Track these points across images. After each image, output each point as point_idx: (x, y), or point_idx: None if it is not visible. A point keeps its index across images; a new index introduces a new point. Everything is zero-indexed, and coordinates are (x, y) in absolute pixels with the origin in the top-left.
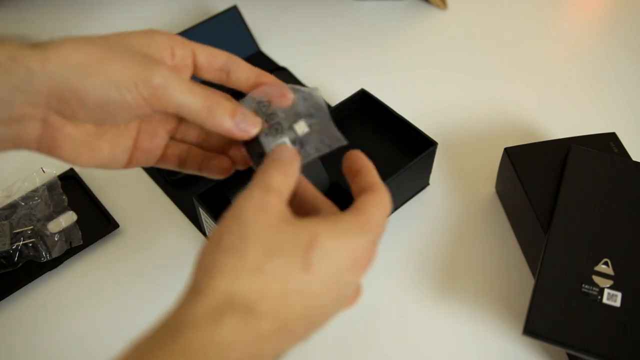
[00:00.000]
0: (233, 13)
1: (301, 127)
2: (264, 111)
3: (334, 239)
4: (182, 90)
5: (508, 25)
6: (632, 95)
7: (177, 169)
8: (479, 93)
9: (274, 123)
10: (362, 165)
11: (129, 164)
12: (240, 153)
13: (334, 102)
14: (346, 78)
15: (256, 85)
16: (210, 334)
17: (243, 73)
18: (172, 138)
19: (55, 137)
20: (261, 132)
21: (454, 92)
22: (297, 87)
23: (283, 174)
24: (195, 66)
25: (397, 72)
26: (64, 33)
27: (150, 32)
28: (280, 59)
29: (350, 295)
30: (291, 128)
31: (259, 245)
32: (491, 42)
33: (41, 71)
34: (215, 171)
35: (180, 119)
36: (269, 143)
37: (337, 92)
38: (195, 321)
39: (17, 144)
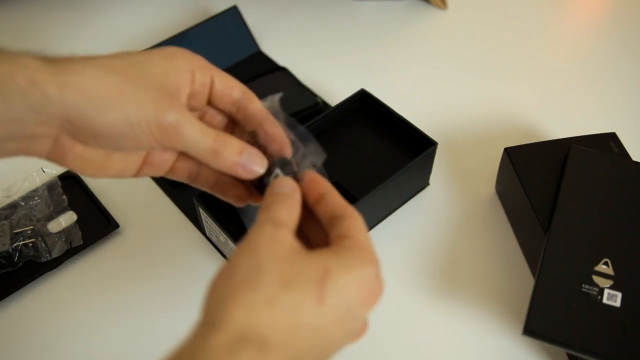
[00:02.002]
0: (233, 13)
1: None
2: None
3: (345, 273)
4: (193, 130)
5: (508, 25)
6: (632, 95)
7: (187, 183)
8: (479, 93)
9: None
10: (326, 190)
11: (137, 175)
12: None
13: (334, 102)
14: (346, 78)
15: (261, 126)
16: None
17: (253, 112)
18: (182, 154)
19: (66, 154)
20: (270, 174)
21: (454, 92)
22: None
23: (287, 208)
24: (210, 94)
25: (397, 72)
26: (64, 32)
27: (172, 56)
28: (280, 59)
29: (358, 329)
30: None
31: (274, 277)
32: (491, 42)
33: (58, 98)
34: (232, 199)
35: None
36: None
37: (337, 92)
38: (210, 356)
39: (27, 154)
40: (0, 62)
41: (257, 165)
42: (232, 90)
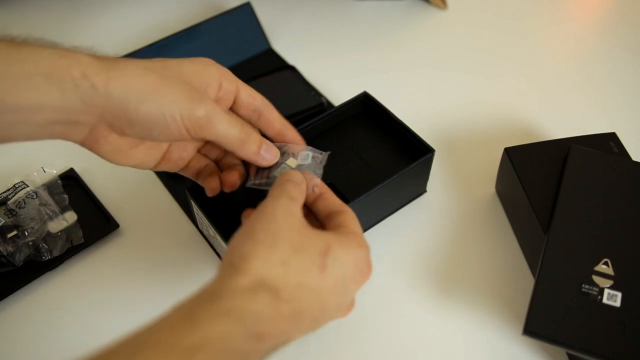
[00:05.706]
0: (246, 9)
1: (292, 163)
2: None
3: (344, 249)
4: (223, 122)
5: (508, 25)
6: (632, 95)
7: (192, 178)
8: (479, 93)
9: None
10: (324, 190)
11: (155, 168)
12: (243, 170)
13: (337, 101)
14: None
15: (280, 133)
16: (248, 303)
17: (272, 120)
18: (198, 151)
19: (99, 141)
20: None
21: (455, 92)
22: (313, 149)
23: (298, 189)
24: (234, 101)
25: (399, 72)
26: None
27: (205, 63)
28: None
29: (347, 304)
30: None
31: (287, 243)
32: (491, 42)
33: (103, 91)
34: (225, 184)
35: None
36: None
37: (344, 92)
38: (236, 291)
39: (65, 138)
40: (60, 57)
41: (272, 156)
42: (254, 99)
